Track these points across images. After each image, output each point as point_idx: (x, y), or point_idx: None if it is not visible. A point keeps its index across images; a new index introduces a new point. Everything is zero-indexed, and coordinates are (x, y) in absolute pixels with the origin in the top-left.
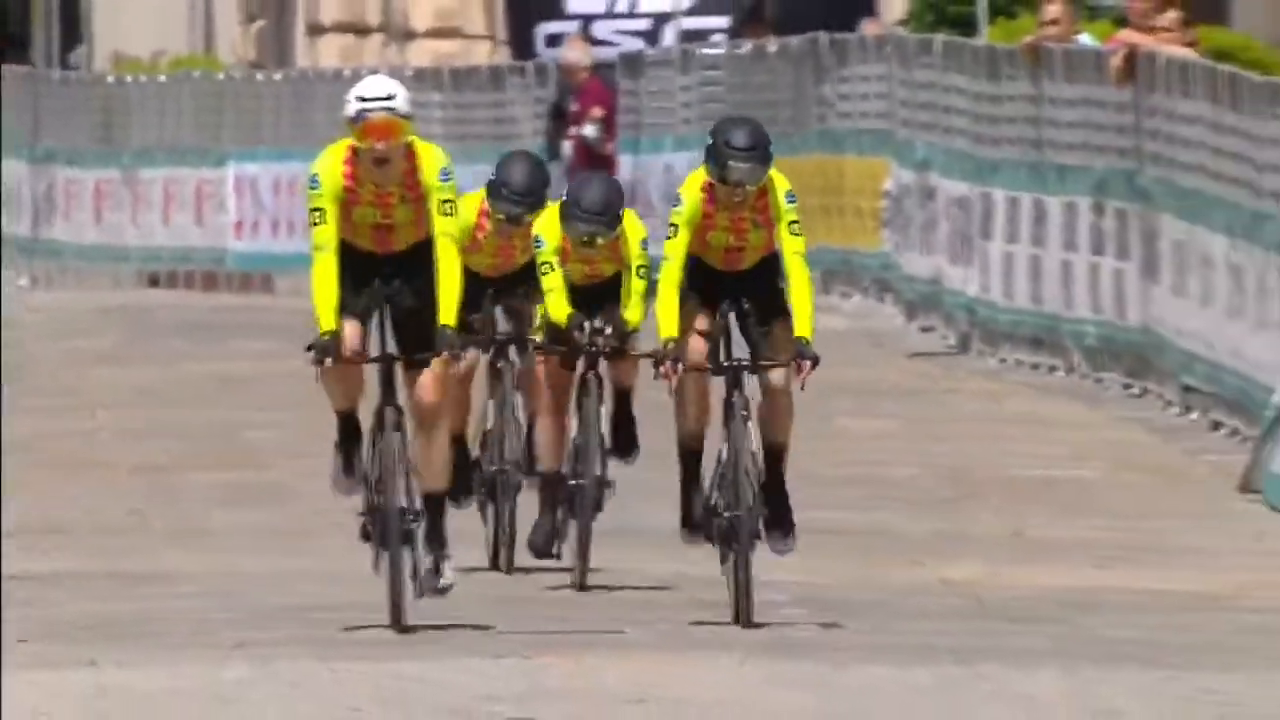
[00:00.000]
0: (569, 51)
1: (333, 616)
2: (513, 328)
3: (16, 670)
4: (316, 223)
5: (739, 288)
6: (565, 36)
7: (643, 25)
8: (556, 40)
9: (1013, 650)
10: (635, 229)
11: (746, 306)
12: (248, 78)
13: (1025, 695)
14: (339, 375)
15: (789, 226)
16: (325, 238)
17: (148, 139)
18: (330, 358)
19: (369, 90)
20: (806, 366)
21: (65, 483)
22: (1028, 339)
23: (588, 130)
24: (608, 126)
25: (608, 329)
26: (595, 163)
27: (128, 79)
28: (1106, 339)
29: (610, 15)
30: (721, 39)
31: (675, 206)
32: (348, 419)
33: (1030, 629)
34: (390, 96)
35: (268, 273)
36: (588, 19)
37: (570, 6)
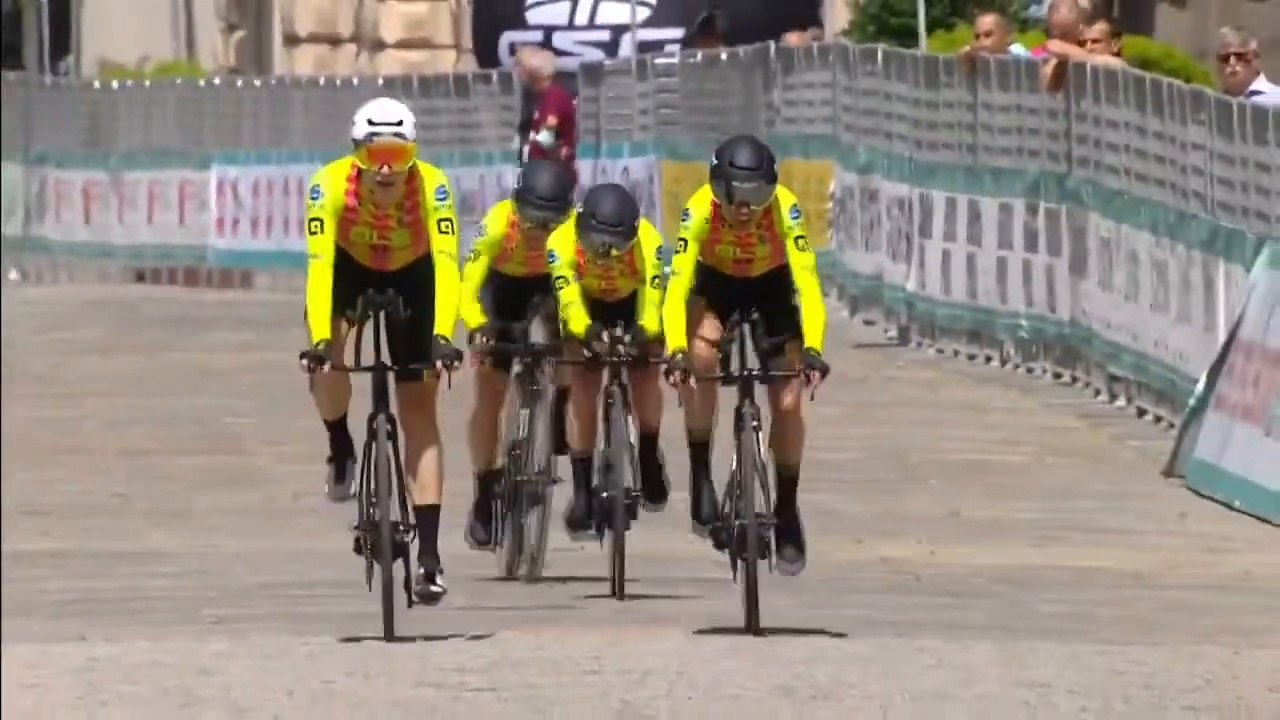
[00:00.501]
0: (532, 59)
1: (307, 594)
2: (547, 338)
3: (9, 644)
4: (315, 232)
5: (750, 294)
6: (518, 46)
7: (602, 36)
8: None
9: (950, 624)
10: (650, 238)
11: (755, 317)
12: (228, 84)
13: (962, 666)
14: (328, 385)
15: (795, 241)
16: (322, 247)
17: (133, 142)
18: (323, 365)
19: (378, 114)
20: (816, 377)
21: (53, 467)
22: (964, 331)
23: (542, 136)
24: (565, 133)
25: (627, 337)
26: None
27: (114, 85)
28: (1038, 331)
29: (571, 27)
30: (675, 49)
31: (683, 221)
32: (337, 429)
33: (966, 604)
34: (399, 122)
35: (247, 269)
36: (549, 30)
37: (533, 18)
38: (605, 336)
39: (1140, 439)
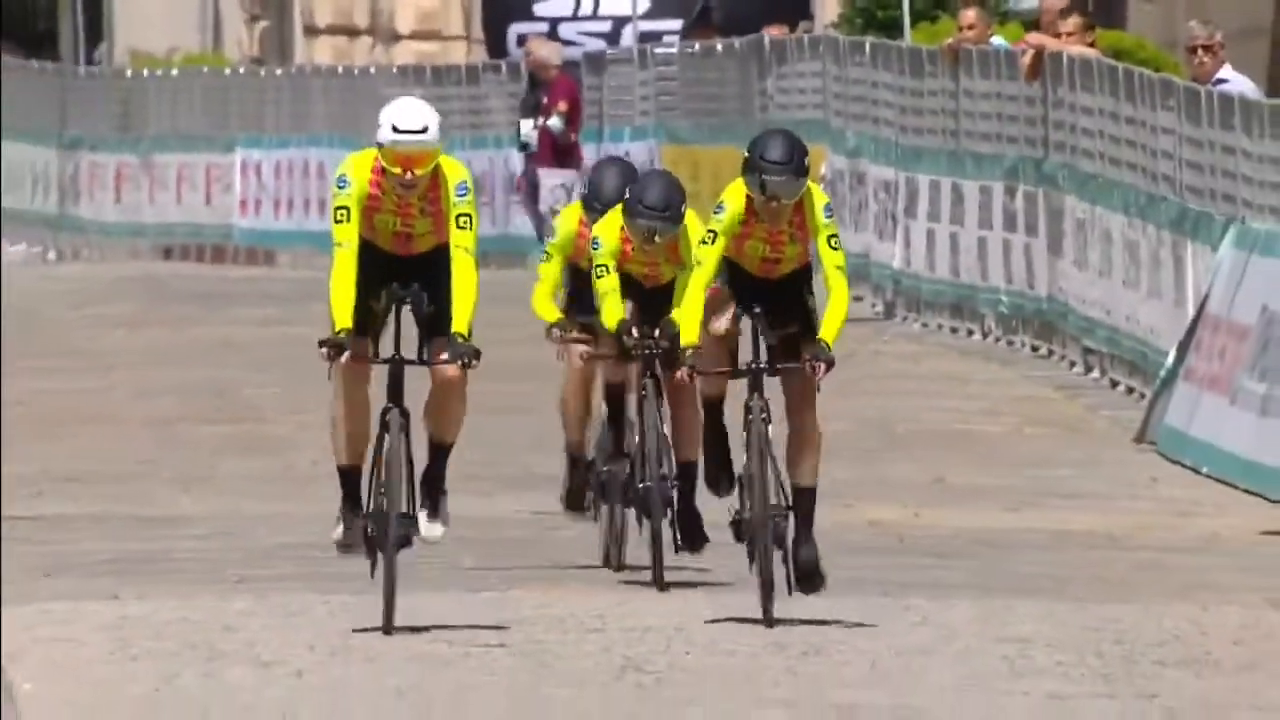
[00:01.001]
0: (541, 49)
1: (326, 554)
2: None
3: (46, 601)
4: (340, 220)
5: (768, 294)
6: (526, 37)
7: (604, 27)
8: (521, 40)
9: (933, 583)
10: (696, 228)
11: (758, 310)
12: (252, 73)
13: (945, 623)
14: (350, 377)
15: (828, 240)
16: (347, 235)
17: (162, 127)
18: (342, 353)
19: (404, 120)
20: (821, 368)
21: (86, 435)
22: (947, 306)
23: (553, 122)
24: (572, 118)
25: (657, 331)
26: (560, 151)
27: (144, 73)
28: (1017, 306)
29: (575, 18)
30: (674, 39)
31: (716, 214)
32: (351, 478)
33: (949, 564)
34: (424, 129)
35: (270, 247)
36: (555, 21)
37: (539, 10)
38: (635, 332)
39: (1113, 408)
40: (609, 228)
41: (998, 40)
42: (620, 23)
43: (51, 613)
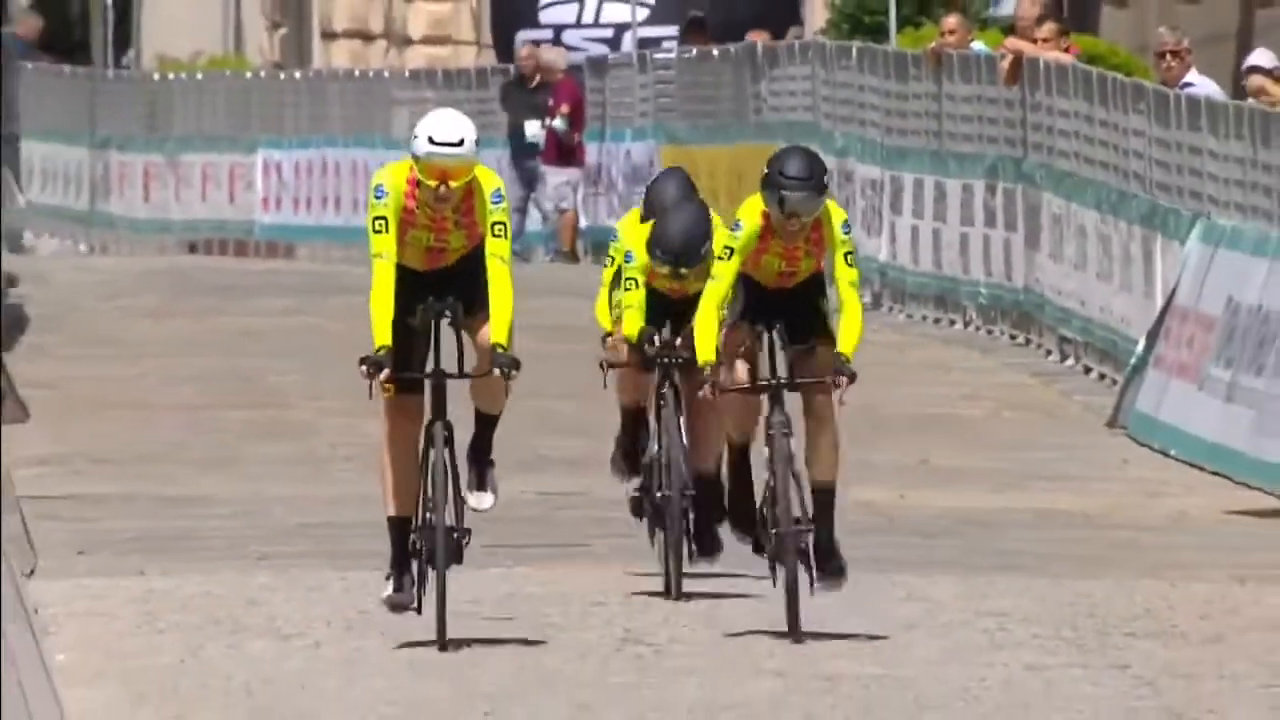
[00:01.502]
0: (547, 54)
1: (343, 533)
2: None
3: (79, 577)
4: (379, 230)
5: (783, 305)
6: (520, 42)
7: (606, 34)
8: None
9: (919, 561)
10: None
11: (778, 327)
12: (272, 76)
13: (929, 598)
14: (398, 414)
15: (845, 257)
16: (386, 245)
17: (188, 128)
18: (381, 371)
19: (440, 133)
20: (844, 382)
21: (113, 419)
22: (930, 298)
23: (557, 123)
24: (576, 120)
25: (678, 341)
26: (565, 151)
27: (171, 77)
28: (996, 298)
29: (579, 25)
30: (673, 45)
31: (733, 230)
32: (401, 530)
33: (933, 543)
34: (460, 142)
35: (289, 242)
36: (560, 28)
37: (545, 17)
38: (656, 340)
39: (1087, 394)
40: (641, 240)
41: (978, 45)
42: (621, 29)
43: (85, 587)
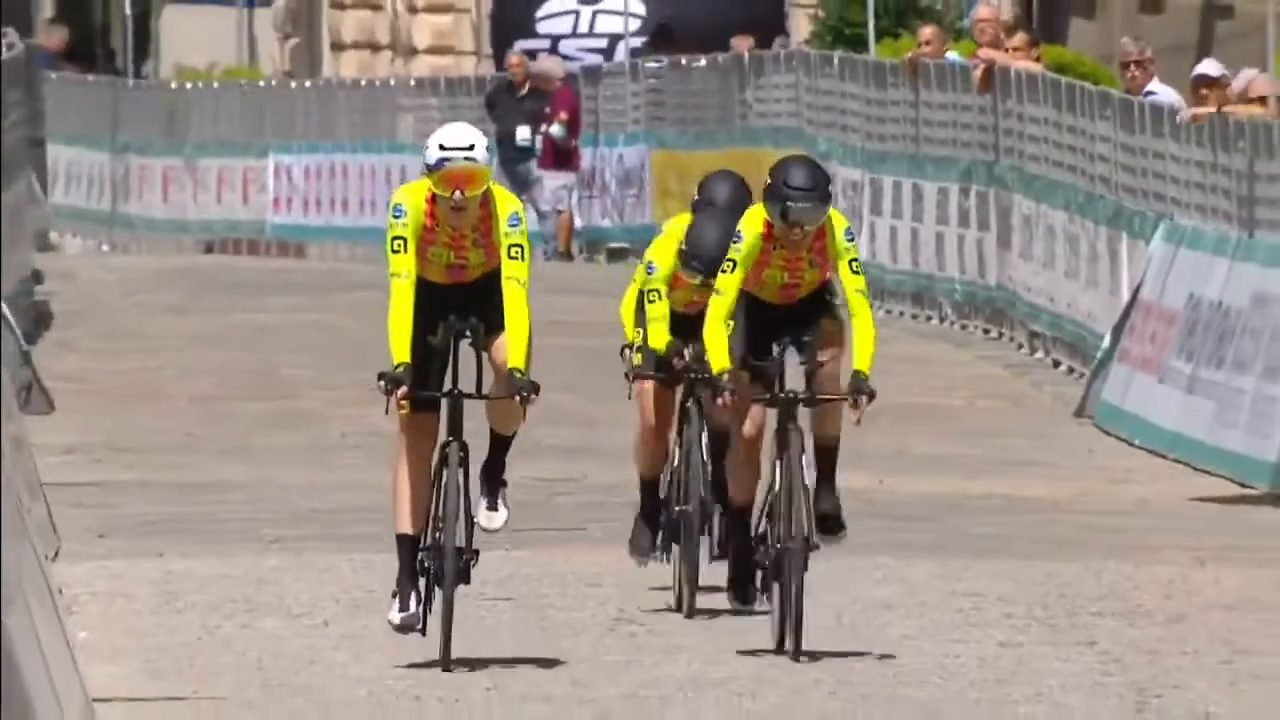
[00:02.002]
0: (544, 63)
1: (352, 518)
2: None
3: (100, 559)
4: (398, 250)
5: (791, 321)
6: (510, 52)
7: (600, 44)
8: (530, 56)
9: (896, 544)
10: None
11: (788, 342)
12: (284, 85)
13: (908, 580)
14: (413, 432)
15: (850, 265)
16: (405, 265)
17: (204, 134)
18: (399, 388)
19: (451, 139)
20: (864, 402)
21: (134, 410)
22: (908, 294)
23: (555, 129)
24: (572, 126)
25: (705, 356)
26: (561, 156)
27: (188, 86)
28: (970, 294)
29: (574, 35)
30: (663, 55)
31: (734, 243)
32: (408, 547)
33: (911, 527)
34: (471, 146)
35: (300, 242)
36: (556, 39)
37: (542, 29)
38: (685, 354)
39: (1056, 385)
40: (663, 253)
41: (953, 55)
42: (614, 39)
43: (106, 569)
